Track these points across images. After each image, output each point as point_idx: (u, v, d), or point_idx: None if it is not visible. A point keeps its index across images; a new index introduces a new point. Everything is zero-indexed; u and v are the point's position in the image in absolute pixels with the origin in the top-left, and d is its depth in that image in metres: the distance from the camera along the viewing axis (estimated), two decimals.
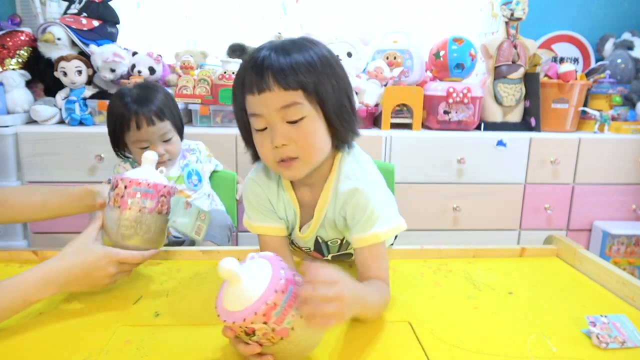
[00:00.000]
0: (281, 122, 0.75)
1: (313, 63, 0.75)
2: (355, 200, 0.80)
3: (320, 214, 0.85)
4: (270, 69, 0.73)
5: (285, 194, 0.87)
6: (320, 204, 0.85)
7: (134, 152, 1.30)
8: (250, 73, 0.75)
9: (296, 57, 0.74)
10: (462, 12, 2.35)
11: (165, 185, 0.85)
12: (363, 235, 0.80)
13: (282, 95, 0.73)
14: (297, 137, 0.75)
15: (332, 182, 0.84)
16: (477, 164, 1.89)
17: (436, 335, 0.72)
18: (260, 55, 0.75)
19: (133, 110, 1.23)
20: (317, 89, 0.75)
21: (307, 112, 0.75)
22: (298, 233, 0.89)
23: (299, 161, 0.77)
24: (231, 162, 1.78)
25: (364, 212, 0.80)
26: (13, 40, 1.90)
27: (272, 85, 0.73)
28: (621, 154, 1.94)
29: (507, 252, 1.06)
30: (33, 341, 0.69)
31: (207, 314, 0.78)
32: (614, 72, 2.18)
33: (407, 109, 1.95)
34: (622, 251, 1.94)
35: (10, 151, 1.71)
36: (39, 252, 0.98)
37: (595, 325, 0.72)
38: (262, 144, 0.78)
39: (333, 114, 0.77)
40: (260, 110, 0.75)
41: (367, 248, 0.80)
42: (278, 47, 0.76)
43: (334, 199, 0.84)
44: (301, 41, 0.78)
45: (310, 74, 0.74)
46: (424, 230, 1.93)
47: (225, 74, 1.79)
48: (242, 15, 2.28)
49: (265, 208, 0.88)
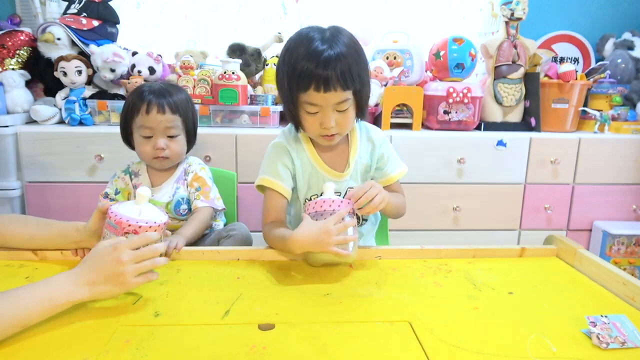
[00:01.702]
0: (333, 111, 1.02)
1: (361, 66, 1.01)
2: (387, 144, 1.19)
3: (354, 157, 1.15)
4: (334, 74, 0.96)
5: (306, 152, 1.14)
6: (352, 152, 1.15)
7: (136, 141, 1.27)
8: (313, 71, 0.96)
9: (349, 59, 0.97)
10: (462, 12, 2.35)
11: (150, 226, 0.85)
12: (397, 172, 1.19)
13: (340, 95, 0.99)
14: (341, 121, 1.04)
15: (356, 137, 1.17)
16: (477, 164, 1.89)
17: (436, 335, 0.72)
18: (319, 50, 0.96)
19: (147, 98, 1.23)
20: (361, 90, 1.03)
21: (351, 103, 1.03)
22: (335, 173, 1.14)
23: (338, 135, 1.07)
24: (231, 162, 1.77)
25: (393, 153, 1.20)
26: (13, 40, 1.90)
27: (336, 86, 0.97)
28: (621, 154, 1.94)
29: (507, 252, 1.06)
30: (33, 341, 0.69)
31: (207, 314, 0.78)
32: (614, 72, 2.17)
33: (407, 109, 1.95)
34: (622, 251, 1.94)
35: (10, 151, 1.71)
36: (39, 252, 0.98)
37: (596, 325, 0.72)
38: (311, 123, 1.05)
39: (364, 104, 1.06)
40: (320, 102, 1.00)
41: (396, 182, 1.20)
42: (331, 42, 0.97)
43: (369, 146, 1.18)
44: (341, 36, 1.00)
45: (359, 77, 1.00)
46: (424, 230, 1.93)
47: (225, 74, 1.79)
48: (242, 15, 2.28)
49: (285, 167, 1.12)
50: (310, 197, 1.17)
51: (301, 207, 1.18)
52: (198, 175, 1.32)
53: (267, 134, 1.78)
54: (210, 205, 1.29)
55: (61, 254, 0.98)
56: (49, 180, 1.75)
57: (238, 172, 1.73)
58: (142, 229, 0.83)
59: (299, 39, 1.01)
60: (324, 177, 1.14)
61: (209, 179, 1.34)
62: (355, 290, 0.88)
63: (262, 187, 1.14)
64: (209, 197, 1.30)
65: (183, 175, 1.33)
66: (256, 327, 0.73)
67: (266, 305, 0.81)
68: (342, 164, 1.16)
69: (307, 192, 1.17)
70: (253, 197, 1.78)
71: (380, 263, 1.01)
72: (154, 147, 1.24)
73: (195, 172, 1.33)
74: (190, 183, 1.31)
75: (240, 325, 0.74)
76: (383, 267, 0.98)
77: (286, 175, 1.12)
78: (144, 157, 1.28)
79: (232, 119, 1.88)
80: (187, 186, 1.32)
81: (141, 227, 0.84)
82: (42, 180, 1.75)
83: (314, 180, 1.15)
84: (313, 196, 1.16)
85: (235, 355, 0.66)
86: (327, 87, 0.97)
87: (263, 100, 1.89)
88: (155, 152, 1.25)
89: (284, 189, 1.12)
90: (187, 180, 1.32)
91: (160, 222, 0.87)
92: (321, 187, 1.10)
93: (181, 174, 1.33)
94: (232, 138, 1.77)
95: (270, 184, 1.11)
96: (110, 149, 1.73)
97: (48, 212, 1.75)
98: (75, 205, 1.76)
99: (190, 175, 1.32)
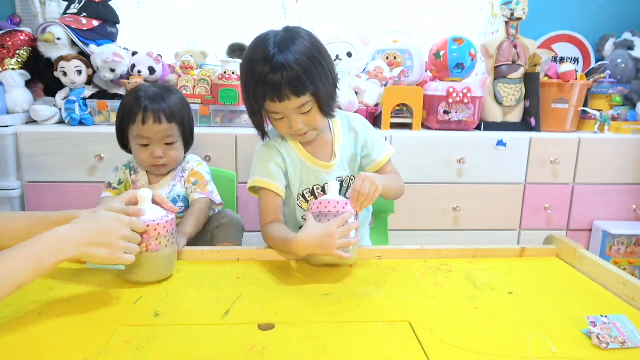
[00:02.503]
0: (296, 114, 1.04)
1: (316, 68, 1.01)
2: (368, 130, 1.21)
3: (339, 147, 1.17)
4: (286, 83, 0.98)
5: (292, 148, 1.15)
6: (336, 141, 1.17)
7: (133, 148, 1.27)
8: (264, 87, 0.99)
9: (297, 67, 0.98)
10: (462, 12, 2.35)
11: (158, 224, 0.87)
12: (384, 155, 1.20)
13: (296, 101, 1.01)
14: (309, 121, 1.06)
15: (338, 127, 1.18)
16: (477, 164, 1.89)
17: (436, 335, 0.72)
18: (266, 70, 0.98)
19: (143, 105, 1.21)
20: (317, 92, 1.03)
21: (313, 105, 1.04)
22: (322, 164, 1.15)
23: (311, 132, 1.09)
24: (231, 162, 1.77)
25: (376, 138, 1.21)
26: (13, 40, 1.90)
27: (291, 95, 1.00)
28: (621, 154, 1.94)
29: (507, 252, 1.06)
30: (33, 341, 0.69)
31: (207, 314, 0.78)
32: (614, 72, 2.17)
33: (407, 109, 1.94)
34: (622, 251, 1.94)
35: (10, 151, 1.71)
36: None
37: (596, 325, 0.72)
38: (280, 127, 1.09)
39: (324, 104, 1.06)
40: (281, 111, 1.04)
41: (388, 163, 1.21)
42: (277, 55, 0.98)
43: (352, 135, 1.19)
44: (291, 41, 1.00)
45: (313, 81, 1.00)
46: (424, 230, 1.93)
47: (225, 74, 1.79)
48: (242, 15, 2.28)
49: (277, 166, 1.13)
50: (303, 191, 1.17)
51: (295, 205, 1.19)
52: (195, 171, 1.32)
53: None
54: (207, 197, 1.29)
55: None
56: (49, 180, 1.75)
57: (238, 172, 1.73)
58: (151, 227, 0.85)
59: (249, 56, 1.04)
60: (314, 170, 1.15)
61: (206, 174, 1.34)
62: (355, 290, 0.88)
63: (254, 188, 1.15)
64: (206, 190, 1.30)
65: (180, 172, 1.33)
66: (256, 327, 0.73)
67: (266, 305, 0.81)
68: (329, 154, 1.17)
69: (300, 188, 1.17)
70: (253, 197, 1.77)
71: (380, 263, 1.01)
72: (152, 156, 1.24)
73: (192, 167, 1.33)
74: (187, 179, 1.31)
75: (240, 325, 0.74)
76: (383, 267, 0.98)
77: (278, 174, 1.13)
78: (142, 164, 1.29)
79: (232, 119, 1.88)
80: (184, 182, 1.32)
81: (149, 226, 0.85)
82: (42, 180, 1.75)
83: (305, 175, 1.16)
84: (305, 190, 1.17)
85: (235, 355, 0.66)
86: (280, 98, 1.00)
87: None
88: (152, 160, 1.25)
89: (278, 188, 1.12)
90: (184, 177, 1.32)
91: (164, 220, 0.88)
92: (312, 181, 1.16)
93: (179, 171, 1.33)
94: (232, 138, 1.77)
95: (264, 184, 1.12)
96: (110, 149, 1.72)
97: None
98: (75, 205, 1.76)
99: (187, 171, 1.32)
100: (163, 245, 0.87)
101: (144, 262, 0.85)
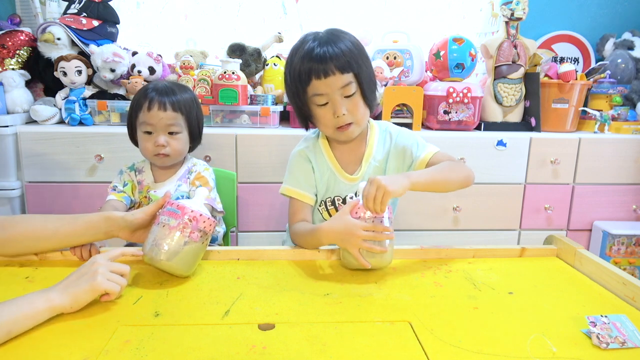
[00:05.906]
0: (340, 97, 1.06)
1: (359, 53, 1.06)
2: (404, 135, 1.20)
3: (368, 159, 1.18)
4: (331, 58, 1.02)
5: (324, 156, 1.18)
6: (367, 153, 1.18)
7: (139, 138, 1.28)
8: (310, 63, 1.03)
9: (343, 46, 1.03)
10: (462, 12, 2.34)
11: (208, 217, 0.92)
12: (426, 153, 1.15)
13: (342, 78, 1.04)
14: (352, 108, 1.07)
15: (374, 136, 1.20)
16: (477, 164, 1.89)
17: (436, 335, 0.72)
18: (314, 46, 1.04)
19: (150, 95, 1.24)
20: (360, 74, 1.06)
21: (356, 88, 1.06)
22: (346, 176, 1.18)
23: (353, 125, 1.10)
24: (231, 162, 1.77)
25: (415, 141, 1.18)
26: (13, 40, 1.89)
27: (335, 70, 1.03)
28: (621, 154, 1.94)
29: (507, 252, 1.06)
30: (33, 341, 0.69)
31: (207, 314, 0.78)
32: (614, 72, 2.17)
33: (407, 109, 1.94)
34: (623, 251, 1.94)
35: (10, 151, 1.71)
36: (39, 252, 0.98)
37: (596, 325, 0.72)
38: (324, 116, 1.09)
39: (367, 89, 1.08)
40: (325, 90, 1.05)
41: (434, 157, 1.15)
42: (324, 38, 1.05)
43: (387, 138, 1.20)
44: (337, 32, 1.08)
45: (356, 61, 1.04)
46: (424, 230, 1.93)
47: (225, 74, 1.79)
48: (242, 15, 2.28)
49: (306, 175, 1.16)
50: (326, 199, 1.20)
51: (316, 209, 1.22)
52: (201, 175, 1.33)
53: (267, 134, 1.78)
54: (209, 203, 1.29)
55: (61, 254, 0.98)
56: (49, 180, 1.75)
57: (238, 172, 1.73)
58: (202, 218, 0.90)
59: (295, 45, 1.10)
60: (339, 182, 1.19)
61: (211, 180, 1.35)
62: (355, 290, 0.88)
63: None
64: (209, 196, 1.31)
65: (187, 173, 1.34)
66: (256, 327, 0.74)
67: (266, 305, 0.81)
68: (356, 167, 1.20)
69: (325, 194, 1.20)
70: (253, 197, 1.78)
71: None
72: (155, 144, 1.25)
73: (199, 171, 1.34)
74: (192, 181, 1.32)
75: (240, 325, 0.74)
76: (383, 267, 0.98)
77: (307, 183, 1.18)
78: (146, 154, 1.30)
79: (232, 119, 1.88)
80: (189, 184, 1.33)
81: (201, 216, 0.90)
82: (42, 180, 1.75)
83: (331, 183, 1.20)
84: (328, 199, 1.20)
85: (235, 355, 0.66)
86: (326, 73, 1.03)
87: (263, 100, 1.89)
88: (155, 149, 1.26)
89: (306, 197, 1.17)
90: (189, 178, 1.33)
91: (212, 219, 0.93)
92: (335, 191, 1.20)
93: (185, 172, 1.34)
94: (232, 138, 1.77)
95: (293, 193, 1.17)
96: (110, 149, 1.73)
97: (48, 212, 1.74)
98: (76, 205, 1.76)
99: (194, 173, 1.33)
100: (200, 242, 0.90)
101: (178, 248, 0.87)
